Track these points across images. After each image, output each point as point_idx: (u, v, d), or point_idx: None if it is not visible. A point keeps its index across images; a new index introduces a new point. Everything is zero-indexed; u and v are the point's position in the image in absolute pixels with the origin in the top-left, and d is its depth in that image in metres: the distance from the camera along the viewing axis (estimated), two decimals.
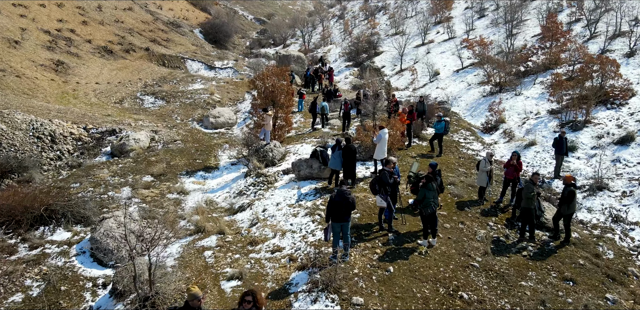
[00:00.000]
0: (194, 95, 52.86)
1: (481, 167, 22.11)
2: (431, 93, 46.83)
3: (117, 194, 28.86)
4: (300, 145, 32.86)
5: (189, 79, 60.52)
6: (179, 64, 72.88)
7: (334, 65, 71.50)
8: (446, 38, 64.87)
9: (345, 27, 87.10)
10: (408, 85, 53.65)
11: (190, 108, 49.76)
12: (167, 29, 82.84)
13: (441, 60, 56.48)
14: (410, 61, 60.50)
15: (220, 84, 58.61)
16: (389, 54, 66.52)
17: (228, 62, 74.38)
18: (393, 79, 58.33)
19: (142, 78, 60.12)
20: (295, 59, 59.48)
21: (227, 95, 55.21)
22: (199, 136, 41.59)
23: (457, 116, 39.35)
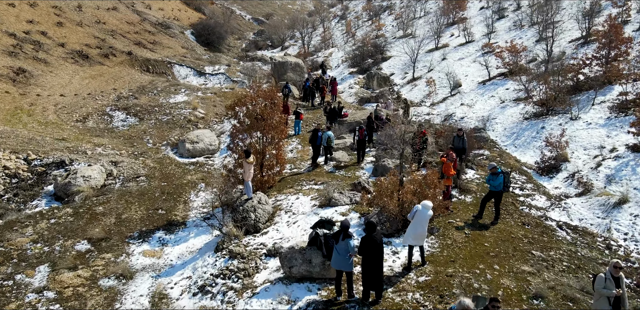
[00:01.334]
0: (173, 110, 42.29)
1: (598, 287, 11.59)
2: (455, 111, 36.42)
3: (28, 279, 18.57)
4: (296, 197, 22.52)
5: (172, 88, 49.92)
6: (165, 70, 62.33)
7: (336, 71, 60.83)
8: (463, 42, 54.28)
9: (348, 28, 76.38)
10: (424, 99, 43.19)
11: (167, 127, 39.24)
12: (155, 30, 72.14)
13: (461, 68, 45.89)
14: (424, 68, 49.96)
15: (207, 95, 48.03)
16: (398, 60, 55.87)
17: (220, 68, 63.74)
18: (404, 89, 47.74)
19: (117, 88, 49.54)
20: (292, 67, 48.86)
21: (213, 109, 44.62)
22: (171, 169, 31.19)
23: (497, 148, 28.86)
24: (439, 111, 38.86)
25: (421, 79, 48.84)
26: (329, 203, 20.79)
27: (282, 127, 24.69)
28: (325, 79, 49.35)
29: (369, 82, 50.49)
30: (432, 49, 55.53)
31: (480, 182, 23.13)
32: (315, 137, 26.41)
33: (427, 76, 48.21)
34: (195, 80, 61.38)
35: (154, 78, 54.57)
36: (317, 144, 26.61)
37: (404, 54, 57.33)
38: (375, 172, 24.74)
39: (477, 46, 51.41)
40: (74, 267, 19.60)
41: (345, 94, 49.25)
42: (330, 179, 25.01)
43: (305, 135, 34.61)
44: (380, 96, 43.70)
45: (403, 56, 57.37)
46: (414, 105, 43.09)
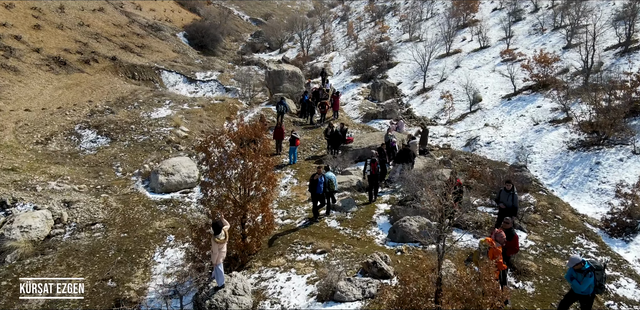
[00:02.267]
0: (152, 128, 35.34)
1: None
2: (479, 134, 29.50)
3: None
4: (286, 277, 15.91)
5: (156, 100, 42.86)
6: (153, 76, 55.21)
7: (337, 78, 53.60)
8: (477, 47, 47.13)
9: (349, 30, 69.08)
10: (438, 115, 36.29)
11: (142, 151, 32.30)
12: (144, 33, 64.93)
13: (479, 78, 38.82)
14: (435, 77, 42.93)
15: (194, 108, 41.02)
16: (405, 67, 48.72)
17: (212, 74, 56.63)
18: (414, 101, 40.64)
19: (93, 100, 42.49)
20: (289, 76, 41.73)
21: (199, 126, 37.56)
22: (137, 211, 24.29)
23: (544, 190, 21.87)
24: (458, 132, 31.79)
25: (433, 89, 41.62)
26: (332, 295, 13.79)
27: (269, 174, 17.55)
28: (326, 90, 42.29)
29: (375, 93, 43.32)
30: (443, 54, 48.34)
31: (539, 255, 16.07)
32: (314, 185, 19.26)
33: (440, 87, 41.06)
34: (185, 87, 54.25)
35: (137, 87, 47.44)
36: (318, 192, 19.40)
37: (411, 60, 50.19)
38: (393, 235, 17.82)
39: (494, 52, 44.21)
40: None
41: (348, 107, 42.08)
42: (333, 241, 18.00)
43: (302, 165, 27.59)
44: (389, 111, 36.61)
45: (411, 62, 50.18)
46: (426, 121, 35.84)
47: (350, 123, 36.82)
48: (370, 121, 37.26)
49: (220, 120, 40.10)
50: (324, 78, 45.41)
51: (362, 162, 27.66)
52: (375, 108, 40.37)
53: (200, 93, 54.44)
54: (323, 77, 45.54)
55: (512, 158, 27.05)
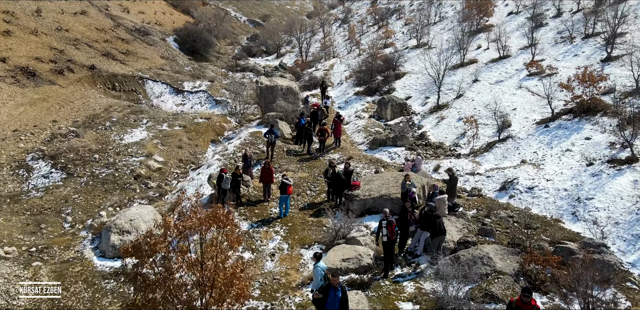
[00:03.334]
0: (120, 157, 28.32)
1: None
2: (517, 175, 22.59)
3: None
4: None
5: (132, 118, 35.86)
6: (135, 87, 47.98)
7: (339, 90, 46.37)
8: (495, 57, 40.06)
9: (351, 34, 61.68)
10: (458, 141, 29.73)
11: (102, 190, 25.25)
12: (130, 37, 57.59)
13: (503, 96, 31.94)
14: (450, 92, 36.07)
15: (174, 129, 34.07)
16: (415, 78, 41.60)
17: (201, 83, 49.30)
18: (427, 122, 33.59)
19: (58, 119, 35.40)
20: (283, 93, 34.53)
21: (177, 153, 30.44)
22: (72, 292, 17.20)
23: (636, 284, 14.27)
24: (487, 169, 24.60)
25: (448, 107, 34.51)
26: None
27: (242, 285, 10.38)
28: (325, 106, 35.13)
29: (382, 111, 36.12)
30: (457, 65, 41.11)
31: None
32: (321, 304, 11.93)
33: (458, 105, 33.98)
34: (171, 99, 46.95)
35: (114, 101, 40.22)
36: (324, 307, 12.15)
37: (420, 70, 43.01)
38: None
39: (516, 64, 37.09)
40: None
41: (351, 127, 34.86)
42: None
43: (295, 220, 20.48)
44: (400, 137, 29.52)
45: (420, 73, 42.87)
46: (444, 150, 28.58)
47: (354, 151, 29.55)
48: (378, 149, 30.05)
49: (203, 145, 32.88)
50: (324, 91, 38.02)
51: (371, 217, 20.55)
52: (383, 131, 33.23)
53: (187, 105, 47.15)
54: (323, 91, 38.17)
55: (565, 213, 19.82)
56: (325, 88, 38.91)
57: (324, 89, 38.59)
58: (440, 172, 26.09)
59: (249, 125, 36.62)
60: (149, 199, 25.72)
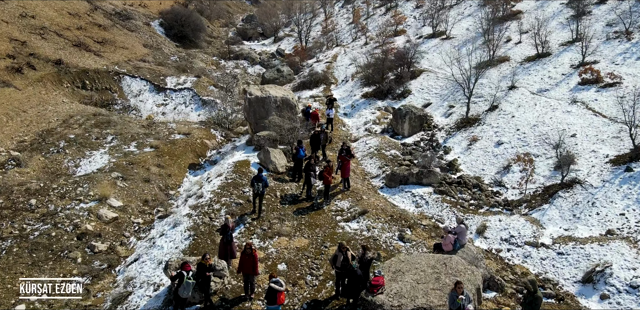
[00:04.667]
0: (65, 202, 20.85)
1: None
2: (608, 258, 13.77)
3: None
4: None
5: (94, 134, 28.07)
6: (110, 85, 39.58)
7: (343, 89, 38.04)
8: (531, 54, 32.06)
9: (355, 18, 52.75)
10: (501, 177, 22.07)
11: (30, 262, 17.45)
12: (109, 23, 48.65)
13: (553, 113, 24.44)
14: (480, 101, 28.73)
15: (144, 150, 26.40)
16: (434, 78, 33.54)
17: (186, 79, 40.72)
18: (455, 142, 25.42)
19: (1, 139, 27.02)
20: (278, 106, 26.32)
21: (142, 191, 22.52)
22: None
23: None
24: (554, 238, 16.49)
25: (481, 123, 26.43)
26: None
27: None
28: (330, 117, 27.02)
29: (398, 124, 27.96)
30: (484, 62, 32.29)
31: None
32: None
33: (493, 121, 25.93)
34: (151, 98, 38.60)
35: (78, 109, 32.02)
36: None
37: (440, 66, 34.76)
38: None
39: (561, 66, 29.00)
40: None
41: (361, 148, 26.86)
42: None
43: None
44: (427, 173, 21.55)
45: (440, 72, 34.36)
46: (483, 191, 20.40)
47: (369, 198, 21.36)
48: (398, 188, 21.97)
49: (179, 173, 24.86)
50: (331, 104, 29.63)
51: None
52: (401, 156, 25.32)
53: (170, 106, 38.78)
54: (330, 103, 29.76)
55: None
56: (332, 101, 30.39)
57: (330, 101, 30.09)
58: (487, 237, 18.01)
59: (236, 145, 28.45)
60: (91, 275, 17.75)
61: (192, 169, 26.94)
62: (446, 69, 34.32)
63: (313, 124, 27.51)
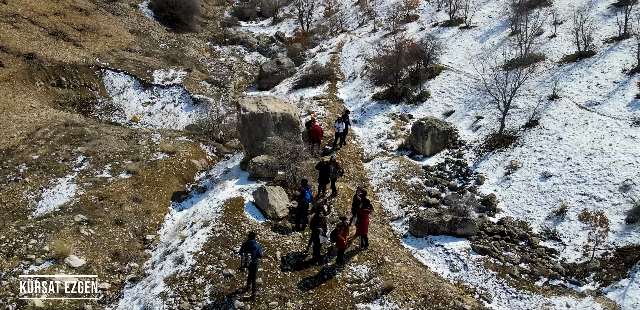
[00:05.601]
0: (11, 263, 14.88)
1: None
2: None
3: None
4: None
5: (62, 154, 23.62)
6: (90, 81, 34.28)
7: (351, 87, 32.92)
8: (571, 53, 26.66)
9: (362, 1, 45.86)
10: (553, 227, 16.74)
11: None
12: (92, 6, 42.56)
13: (612, 138, 19.34)
14: (515, 114, 22.56)
15: (118, 177, 21.52)
16: (456, 80, 28.40)
17: (176, 73, 35.19)
18: (489, 168, 20.35)
19: None
20: (277, 124, 21.15)
21: (113, 239, 17.54)
22: None
23: None
24: None
25: (519, 144, 21.24)
26: None
27: None
28: (339, 132, 21.82)
29: (418, 142, 22.75)
30: (515, 60, 26.79)
31: None
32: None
33: (534, 143, 21.05)
34: (136, 96, 33.27)
35: (47, 118, 26.90)
36: None
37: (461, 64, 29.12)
38: None
39: (609, 70, 24.08)
40: None
41: (376, 172, 21.91)
42: None
43: None
44: (462, 222, 16.46)
45: (462, 70, 28.82)
46: (534, 246, 15.36)
47: (389, 239, 16.34)
48: (426, 239, 17.04)
49: (160, 208, 19.86)
50: (345, 119, 24.20)
51: None
52: (425, 187, 20.31)
53: (157, 105, 33.40)
54: (343, 118, 24.32)
55: None
56: (347, 115, 24.91)
57: (345, 116, 24.61)
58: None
59: (228, 167, 23.20)
60: None
61: (177, 199, 21.77)
62: (469, 68, 28.74)
63: (313, 143, 22.45)
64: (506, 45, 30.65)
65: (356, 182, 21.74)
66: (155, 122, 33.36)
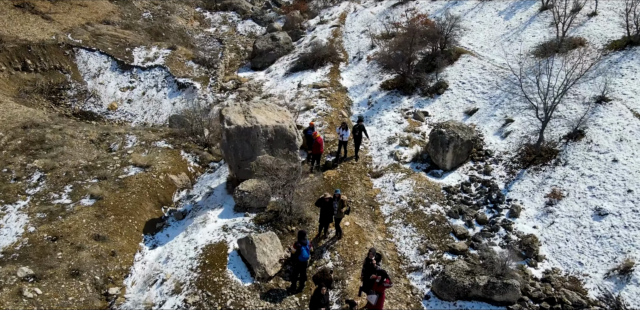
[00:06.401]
0: None
1: None
2: None
3: None
4: None
5: (15, 170, 19.38)
6: (62, 62, 29.47)
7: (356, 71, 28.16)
8: (616, 37, 21.04)
9: None
10: (618, 299, 13.44)
11: None
12: None
13: None
14: (554, 120, 17.52)
15: (79, 205, 16.70)
16: (479, 67, 23.02)
17: (158, 52, 30.40)
18: (525, 192, 16.04)
19: None
20: (269, 140, 16.67)
21: (66, 299, 12.90)
22: None
23: None
24: None
25: (560, 162, 17.29)
26: None
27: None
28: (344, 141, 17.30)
29: (437, 153, 18.34)
30: (550, 42, 21.60)
31: None
32: None
33: (581, 163, 16.77)
34: (114, 79, 28.53)
35: (8, 115, 22.37)
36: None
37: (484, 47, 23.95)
38: None
39: None
40: None
41: (388, 198, 17.05)
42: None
43: None
44: (501, 288, 11.99)
45: (485, 53, 23.67)
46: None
47: (407, 301, 12.03)
48: (452, 305, 13.35)
49: (128, 247, 16.15)
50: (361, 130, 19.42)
51: None
52: (448, 220, 16.17)
53: (137, 90, 28.62)
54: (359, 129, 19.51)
55: None
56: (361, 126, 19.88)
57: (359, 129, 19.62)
58: None
59: (212, 188, 18.67)
60: None
61: (150, 230, 17.37)
62: (493, 52, 23.56)
63: (312, 156, 17.87)
64: (536, 23, 25.16)
65: (364, 209, 17.27)
66: (135, 111, 28.40)
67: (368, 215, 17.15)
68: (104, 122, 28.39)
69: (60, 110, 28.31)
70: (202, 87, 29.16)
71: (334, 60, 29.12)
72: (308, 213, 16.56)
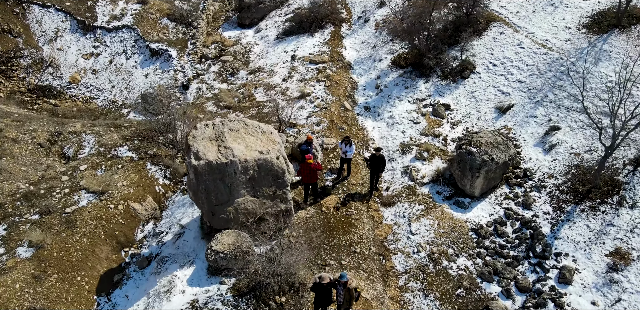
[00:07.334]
0: None
1: None
2: None
3: None
4: None
5: None
6: (10, 23, 23.54)
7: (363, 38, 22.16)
8: None
9: None
10: None
11: None
12: None
13: None
14: (610, 138, 11.91)
15: (15, 255, 13.04)
16: (514, 45, 17.05)
17: (127, 7, 23.60)
18: (579, 245, 12.67)
19: None
20: (250, 177, 12.21)
21: None
22: None
23: None
24: None
25: (629, 203, 11.79)
26: None
27: None
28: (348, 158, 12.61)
29: (464, 177, 13.90)
30: (607, 11, 15.66)
31: None
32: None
33: None
34: (75, 44, 23.07)
35: None
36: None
37: (521, 12, 18.81)
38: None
39: None
40: None
41: (401, 244, 12.72)
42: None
43: None
44: None
45: (522, 22, 17.74)
46: None
47: None
48: None
49: None
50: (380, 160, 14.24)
51: None
52: (479, 277, 11.29)
53: (103, 56, 23.29)
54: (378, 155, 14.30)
55: None
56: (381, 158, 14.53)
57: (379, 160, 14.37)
58: None
59: (182, 225, 14.03)
60: None
61: (106, 290, 13.27)
62: (532, 23, 17.63)
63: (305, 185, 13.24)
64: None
65: (373, 262, 12.88)
66: (102, 84, 22.91)
67: (378, 272, 12.73)
68: (65, 99, 22.95)
69: (12, 86, 22.70)
70: (179, 54, 23.27)
71: (334, 21, 22.86)
72: (302, 273, 12.14)
